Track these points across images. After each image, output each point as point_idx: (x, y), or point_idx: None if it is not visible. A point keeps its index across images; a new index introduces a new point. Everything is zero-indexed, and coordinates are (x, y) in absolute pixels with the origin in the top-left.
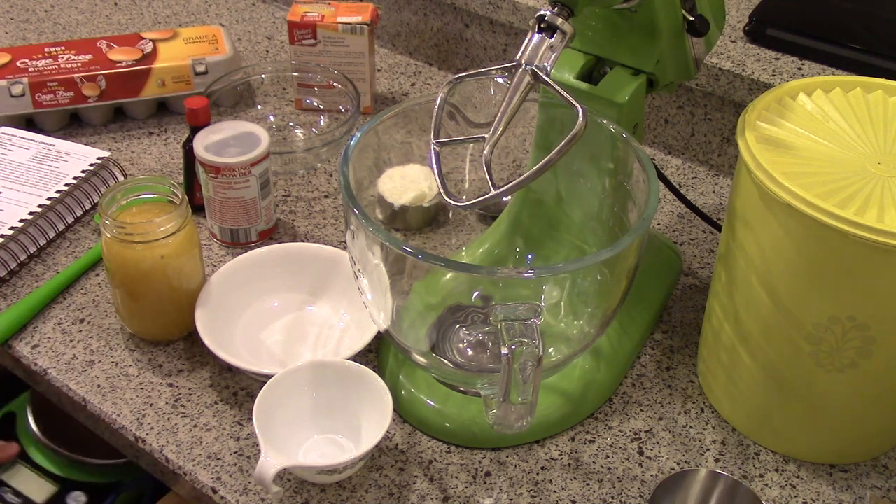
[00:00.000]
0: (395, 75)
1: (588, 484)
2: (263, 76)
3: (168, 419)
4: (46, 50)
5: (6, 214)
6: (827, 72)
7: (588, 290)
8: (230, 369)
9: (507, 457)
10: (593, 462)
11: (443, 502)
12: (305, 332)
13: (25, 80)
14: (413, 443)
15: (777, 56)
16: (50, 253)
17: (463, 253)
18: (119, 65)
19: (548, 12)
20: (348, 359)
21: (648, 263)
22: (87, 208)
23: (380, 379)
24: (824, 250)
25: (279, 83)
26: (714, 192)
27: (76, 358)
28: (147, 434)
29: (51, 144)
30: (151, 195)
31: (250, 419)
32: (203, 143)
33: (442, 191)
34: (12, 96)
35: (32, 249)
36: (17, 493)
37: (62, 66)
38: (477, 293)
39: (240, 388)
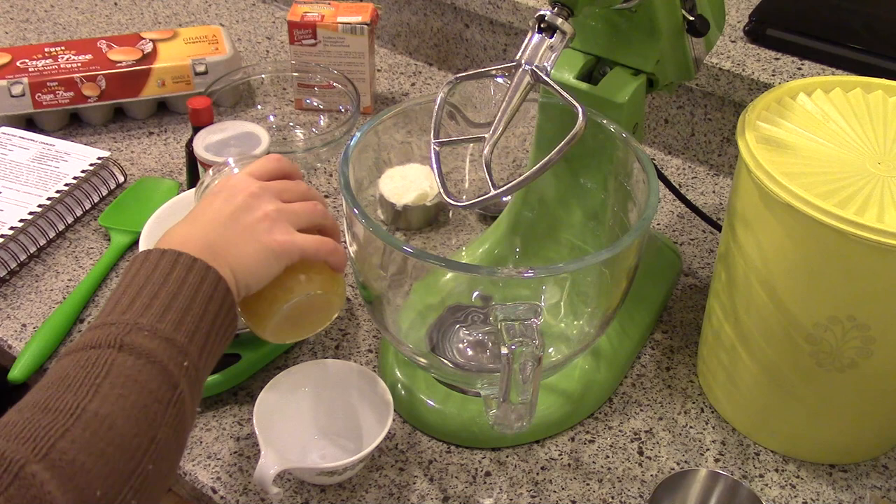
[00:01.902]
0: (395, 75)
1: (588, 484)
2: (263, 76)
3: None
4: (46, 50)
5: (6, 214)
6: (827, 72)
7: (588, 290)
8: None
9: (507, 457)
10: (593, 462)
11: (443, 502)
12: None
13: (25, 80)
14: (413, 443)
15: (777, 56)
16: (50, 253)
17: (463, 253)
18: (119, 65)
19: (548, 12)
20: (348, 359)
21: (648, 263)
22: (87, 208)
23: (380, 379)
24: (824, 250)
25: (279, 83)
26: (714, 192)
27: None
28: None
29: (51, 144)
30: None
31: (250, 419)
32: (203, 144)
33: (442, 191)
34: (12, 96)
35: (32, 249)
36: None
37: (62, 66)
38: (477, 293)
39: (240, 388)
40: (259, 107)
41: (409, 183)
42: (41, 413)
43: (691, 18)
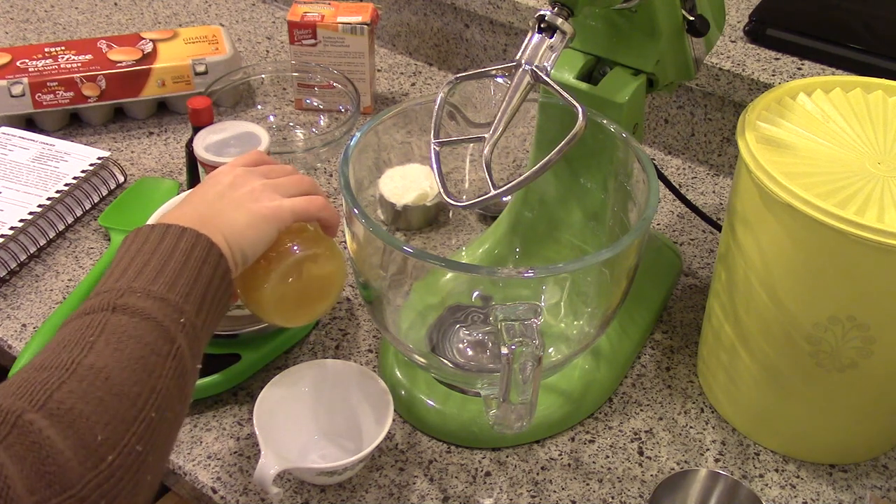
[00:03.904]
0: (395, 75)
1: (588, 484)
2: (263, 76)
3: None
4: (46, 50)
5: (6, 214)
6: (827, 72)
7: (588, 290)
8: None
9: (507, 457)
10: (593, 462)
11: (443, 502)
12: None
13: (25, 80)
14: (413, 443)
15: (777, 56)
16: (50, 253)
17: (463, 253)
18: (119, 65)
19: (548, 12)
20: (348, 359)
21: (648, 263)
22: (87, 208)
23: (380, 379)
24: (824, 250)
25: (279, 83)
26: (714, 192)
27: None
28: None
29: (51, 144)
30: None
31: (250, 419)
32: (203, 144)
33: (442, 191)
34: (12, 96)
35: (32, 249)
36: None
37: (62, 66)
38: (477, 293)
39: (240, 388)
40: (259, 107)
41: (409, 183)
42: (37, 372)
43: (691, 18)
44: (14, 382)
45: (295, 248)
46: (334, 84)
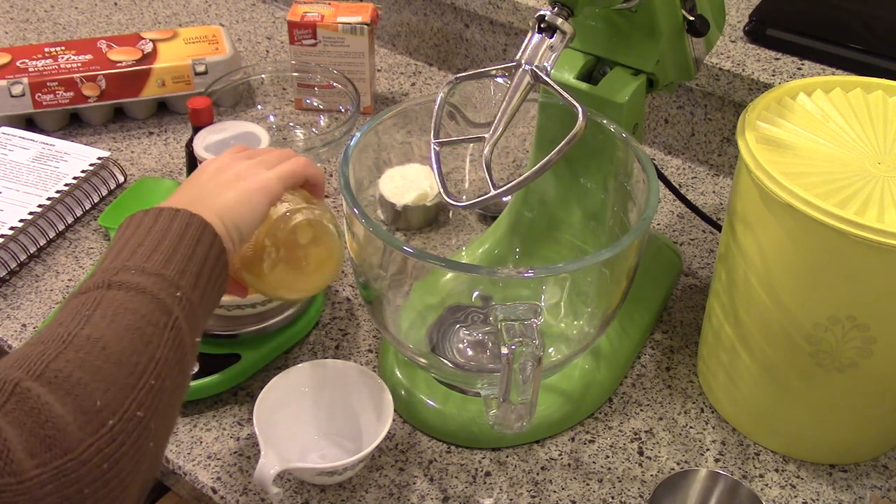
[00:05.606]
0: (395, 75)
1: (588, 484)
2: (263, 76)
3: None
4: (46, 50)
5: (6, 214)
6: (827, 72)
7: (588, 290)
8: None
9: (507, 457)
10: (593, 462)
11: (443, 502)
12: None
13: (25, 80)
14: (413, 443)
15: (777, 56)
16: (50, 253)
17: (463, 253)
18: (119, 65)
19: (548, 12)
20: (348, 359)
21: (648, 263)
22: (87, 208)
23: (380, 379)
24: (824, 250)
25: (279, 83)
26: (714, 192)
27: None
28: None
29: (51, 144)
30: None
31: (250, 419)
32: (203, 144)
33: (442, 191)
34: (12, 96)
35: (32, 249)
36: None
37: (62, 66)
38: (477, 293)
39: (240, 388)
40: (259, 107)
41: (409, 183)
42: (34, 346)
43: (691, 18)
44: (12, 357)
45: (287, 214)
46: (334, 84)
